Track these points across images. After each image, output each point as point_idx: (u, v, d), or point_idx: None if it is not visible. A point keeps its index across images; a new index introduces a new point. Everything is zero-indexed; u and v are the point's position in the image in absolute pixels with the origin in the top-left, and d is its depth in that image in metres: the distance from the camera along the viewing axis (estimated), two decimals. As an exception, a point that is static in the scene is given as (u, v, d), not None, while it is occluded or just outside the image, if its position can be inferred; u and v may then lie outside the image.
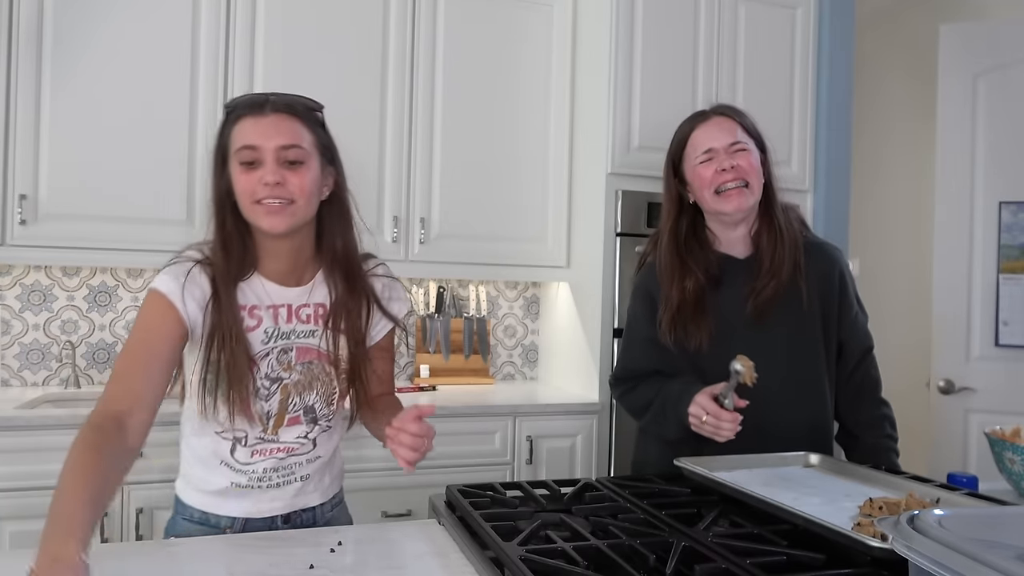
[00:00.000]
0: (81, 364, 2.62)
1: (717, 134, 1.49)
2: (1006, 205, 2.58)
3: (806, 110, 2.88)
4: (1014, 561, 0.60)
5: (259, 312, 1.21)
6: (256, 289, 1.21)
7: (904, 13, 3.53)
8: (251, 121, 1.16)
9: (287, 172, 1.14)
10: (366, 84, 2.62)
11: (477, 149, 2.77)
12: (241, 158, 1.15)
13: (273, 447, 1.23)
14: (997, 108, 2.60)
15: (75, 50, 2.35)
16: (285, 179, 1.14)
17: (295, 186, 1.15)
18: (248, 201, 1.15)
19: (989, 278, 2.59)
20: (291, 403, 1.22)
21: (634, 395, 1.59)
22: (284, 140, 1.14)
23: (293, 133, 1.16)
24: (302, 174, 1.16)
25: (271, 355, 1.21)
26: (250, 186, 1.14)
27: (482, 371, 3.05)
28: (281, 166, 1.14)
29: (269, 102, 1.17)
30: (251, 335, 1.19)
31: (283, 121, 1.16)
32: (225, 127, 1.20)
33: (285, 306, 1.22)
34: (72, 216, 2.33)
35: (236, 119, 1.17)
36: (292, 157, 1.15)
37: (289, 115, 1.17)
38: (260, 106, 1.16)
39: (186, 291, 1.14)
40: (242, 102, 1.19)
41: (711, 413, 1.35)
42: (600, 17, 2.70)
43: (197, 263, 1.17)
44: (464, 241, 2.75)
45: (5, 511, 2.01)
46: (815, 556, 0.95)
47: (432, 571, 1.01)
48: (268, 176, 1.13)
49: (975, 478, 1.40)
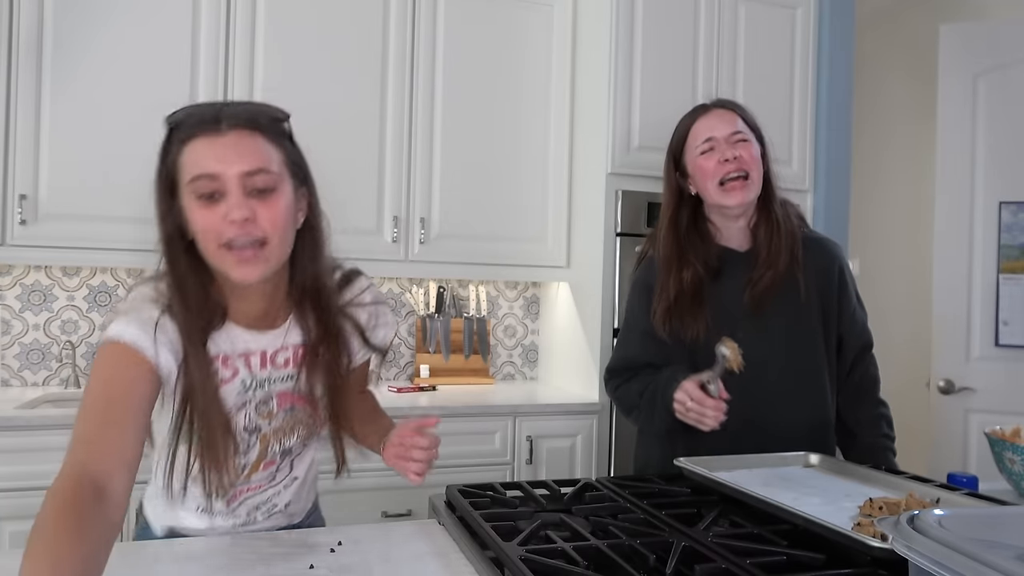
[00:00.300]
0: (81, 364, 2.62)
1: (718, 124, 1.50)
2: (1006, 205, 2.58)
3: (806, 110, 2.88)
4: (1014, 561, 0.60)
5: (233, 362, 1.05)
6: (229, 335, 1.04)
7: (904, 13, 3.53)
8: (205, 143, 0.94)
9: (256, 203, 0.94)
10: (366, 84, 2.62)
11: (477, 149, 2.77)
12: (197, 190, 0.94)
13: (246, 487, 1.15)
14: (997, 108, 2.60)
15: (75, 51, 2.35)
16: (255, 213, 0.94)
17: (267, 220, 0.95)
18: (213, 245, 0.95)
19: (989, 278, 2.59)
20: (270, 451, 1.12)
21: (626, 388, 1.59)
22: (249, 164, 0.94)
23: (259, 154, 0.95)
24: (274, 204, 0.96)
25: (248, 406, 1.07)
26: (213, 225, 0.94)
27: (482, 371, 3.05)
28: (248, 196, 0.94)
29: (224, 116, 0.95)
30: (227, 387, 1.04)
31: (245, 140, 0.95)
32: (169, 148, 0.98)
33: (259, 353, 1.07)
34: (72, 216, 2.33)
35: (185, 139, 0.96)
36: (261, 184, 0.95)
37: (251, 131, 0.96)
38: (214, 122, 0.94)
39: (158, 341, 0.95)
40: (190, 117, 0.96)
41: (695, 399, 1.35)
42: (600, 17, 2.70)
43: (164, 311, 0.98)
44: (464, 241, 2.75)
45: (5, 511, 2.02)
46: (815, 556, 0.94)
47: (432, 571, 1.01)
48: (235, 212, 0.93)
49: (975, 478, 1.40)
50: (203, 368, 0.98)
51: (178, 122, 0.97)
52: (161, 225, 0.99)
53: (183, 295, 0.98)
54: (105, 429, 0.89)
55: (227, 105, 0.98)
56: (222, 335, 1.04)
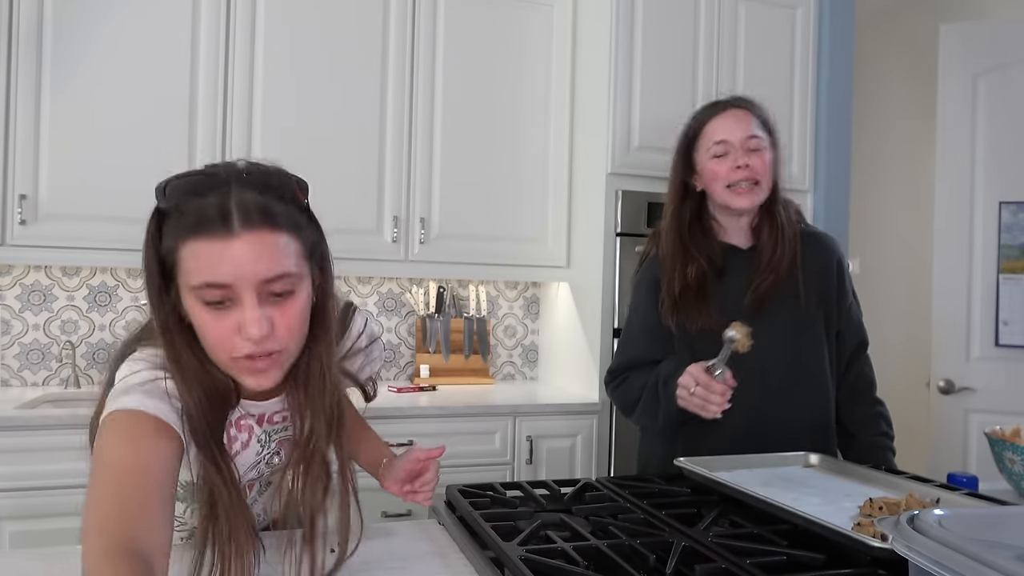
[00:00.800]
0: (81, 364, 2.62)
1: (734, 127, 1.49)
2: (1006, 205, 2.58)
3: (806, 110, 2.88)
4: (1014, 561, 0.60)
5: (246, 423, 0.98)
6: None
7: (904, 13, 3.53)
8: (213, 248, 0.80)
9: (272, 310, 0.83)
10: (366, 84, 2.62)
11: (477, 149, 2.77)
12: (205, 297, 0.81)
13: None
14: (997, 108, 2.60)
15: (75, 50, 2.35)
16: (271, 323, 0.83)
17: (284, 329, 0.84)
18: (224, 356, 0.85)
19: (989, 278, 2.59)
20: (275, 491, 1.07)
21: (626, 386, 1.58)
22: (267, 271, 0.81)
23: (277, 257, 0.82)
24: (291, 308, 0.85)
25: (262, 461, 1.03)
26: (224, 338, 0.83)
27: (482, 371, 3.05)
28: (264, 303, 0.83)
29: (234, 211, 0.80)
30: (245, 453, 0.98)
31: (262, 241, 0.81)
32: (163, 234, 0.84)
33: (258, 415, 1.00)
34: (72, 216, 2.33)
35: (186, 236, 0.81)
36: (279, 289, 0.83)
37: (268, 229, 0.81)
38: (223, 222, 0.79)
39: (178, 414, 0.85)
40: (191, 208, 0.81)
41: (701, 383, 1.32)
42: (600, 17, 2.70)
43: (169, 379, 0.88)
44: (464, 241, 2.75)
45: (5, 511, 2.01)
46: (815, 556, 0.95)
47: (432, 571, 1.01)
48: (251, 328, 0.81)
49: (975, 478, 1.40)
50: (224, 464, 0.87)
51: (175, 209, 0.83)
52: (156, 314, 0.87)
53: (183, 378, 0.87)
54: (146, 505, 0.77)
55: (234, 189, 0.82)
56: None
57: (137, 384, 0.85)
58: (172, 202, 0.83)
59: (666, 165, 1.64)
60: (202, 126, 2.45)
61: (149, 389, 0.85)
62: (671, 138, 1.63)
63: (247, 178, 0.83)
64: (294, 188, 0.87)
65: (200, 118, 2.45)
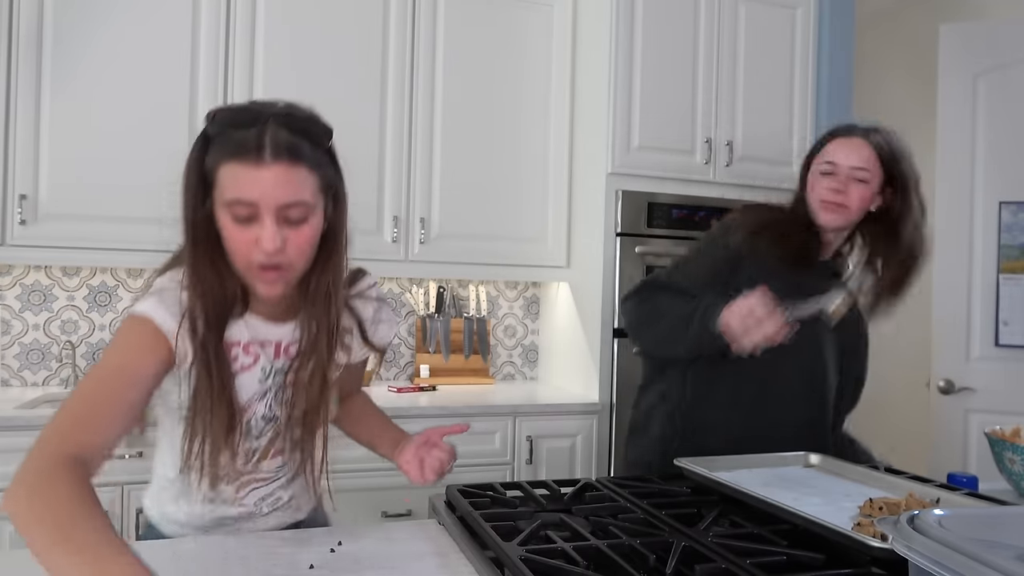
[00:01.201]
0: (81, 364, 2.62)
1: (847, 152, 1.53)
2: (1006, 205, 2.58)
3: (806, 110, 2.88)
4: (1014, 561, 0.60)
5: (254, 349, 1.09)
6: (247, 324, 1.08)
7: (904, 13, 3.53)
8: (246, 171, 0.95)
9: (287, 231, 0.98)
10: (366, 84, 2.62)
11: (477, 149, 2.77)
12: (233, 211, 0.96)
13: (253, 477, 1.17)
14: (997, 108, 2.60)
15: (75, 51, 2.35)
16: (284, 241, 0.97)
17: (294, 248, 0.99)
18: (242, 262, 1.00)
19: (989, 278, 2.59)
20: (281, 439, 1.15)
21: (652, 302, 1.51)
22: (287, 198, 0.96)
23: (297, 187, 0.97)
24: (303, 233, 0.99)
25: (268, 394, 1.11)
26: (244, 246, 0.98)
27: (482, 371, 3.05)
28: (280, 225, 0.97)
29: (268, 144, 0.95)
30: (248, 374, 1.09)
31: (286, 173, 0.96)
32: (207, 150, 0.99)
33: (274, 344, 1.11)
34: (72, 216, 2.33)
35: (225, 157, 0.96)
36: (295, 216, 0.98)
37: (292, 163, 0.96)
38: (257, 151, 0.95)
39: (182, 326, 1.00)
40: (233, 138, 0.96)
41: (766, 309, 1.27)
42: (600, 17, 2.70)
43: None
44: (464, 241, 2.75)
45: (5, 511, 2.01)
46: (815, 556, 0.95)
47: (432, 571, 1.01)
48: (267, 242, 0.96)
49: (975, 478, 1.41)
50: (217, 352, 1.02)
51: (220, 131, 0.98)
52: (186, 213, 1.01)
53: (199, 282, 1.01)
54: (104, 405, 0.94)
55: (270, 118, 0.96)
56: (243, 324, 1.08)
57: (154, 291, 1.02)
58: (217, 129, 0.98)
59: (666, 165, 1.65)
60: (202, 127, 2.44)
61: (162, 296, 1.01)
62: (671, 138, 1.64)
63: (283, 118, 0.98)
64: (321, 132, 1.02)
65: (200, 119, 2.44)
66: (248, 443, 1.12)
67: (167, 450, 1.15)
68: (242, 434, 1.08)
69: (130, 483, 2.10)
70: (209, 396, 1.01)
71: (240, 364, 1.08)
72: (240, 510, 1.18)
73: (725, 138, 2.75)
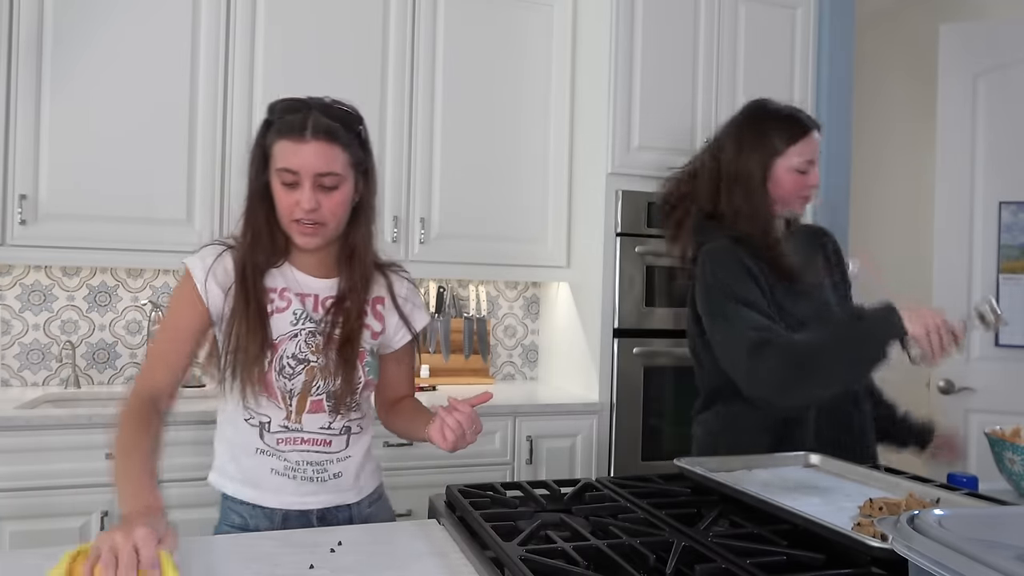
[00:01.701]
0: (81, 364, 2.62)
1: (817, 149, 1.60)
2: (1006, 205, 2.58)
3: (806, 110, 2.87)
4: (1014, 561, 0.60)
5: (288, 295, 1.29)
6: (287, 275, 1.31)
7: (904, 13, 3.53)
8: (291, 146, 1.21)
9: (322, 196, 1.22)
10: (366, 85, 2.62)
11: (477, 149, 2.77)
12: (282, 177, 1.22)
13: (298, 436, 1.29)
14: (997, 108, 2.60)
15: (75, 51, 2.35)
16: (319, 203, 1.22)
17: (327, 210, 1.23)
18: (286, 218, 1.25)
19: (989, 278, 2.59)
20: (315, 386, 1.28)
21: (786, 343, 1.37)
22: (321, 168, 1.21)
23: (330, 160, 1.22)
24: (335, 198, 1.24)
25: (300, 336, 1.28)
26: (289, 205, 1.23)
27: (482, 371, 3.05)
28: (316, 191, 1.22)
29: (310, 126, 1.21)
30: (280, 316, 1.28)
31: (322, 148, 1.21)
32: (267, 134, 1.25)
33: (312, 295, 1.31)
34: (72, 216, 2.33)
35: (278, 136, 1.23)
36: (328, 183, 1.22)
37: (328, 141, 1.22)
38: (301, 130, 1.21)
39: (211, 273, 1.25)
40: (285, 121, 1.23)
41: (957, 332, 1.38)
42: (600, 17, 2.70)
43: (228, 248, 1.29)
44: (464, 241, 2.75)
45: (5, 511, 2.01)
46: (815, 556, 0.95)
47: (432, 571, 1.01)
48: (304, 203, 1.21)
49: (975, 478, 1.41)
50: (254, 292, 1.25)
51: (275, 117, 1.24)
52: (251, 183, 1.28)
53: (255, 235, 1.27)
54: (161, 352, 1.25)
55: (314, 109, 1.23)
56: (283, 272, 1.30)
57: (207, 246, 1.30)
58: (275, 115, 1.25)
59: (666, 165, 1.65)
60: (202, 128, 2.45)
61: (204, 251, 1.29)
62: (671, 138, 1.64)
63: (323, 107, 1.25)
64: (353, 120, 1.29)
65: (200, 120, 2.45)
66: (282, 382, 1.26)
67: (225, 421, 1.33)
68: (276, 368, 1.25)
69: (130, 483, 2.10)
70: (245, 315, 1.23)
71: (275, 306, 1.28)
72: (284, 464, 1.29)
73: (725, 138, 2.74)
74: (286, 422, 1.28)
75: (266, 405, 1.27)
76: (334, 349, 1.28)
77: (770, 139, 1.58)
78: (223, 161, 2.47)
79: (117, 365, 2.65)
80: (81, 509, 2.07)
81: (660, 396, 2.66)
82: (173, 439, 2.17)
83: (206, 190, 2.45)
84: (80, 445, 2.07)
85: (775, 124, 1.59)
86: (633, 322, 2.63)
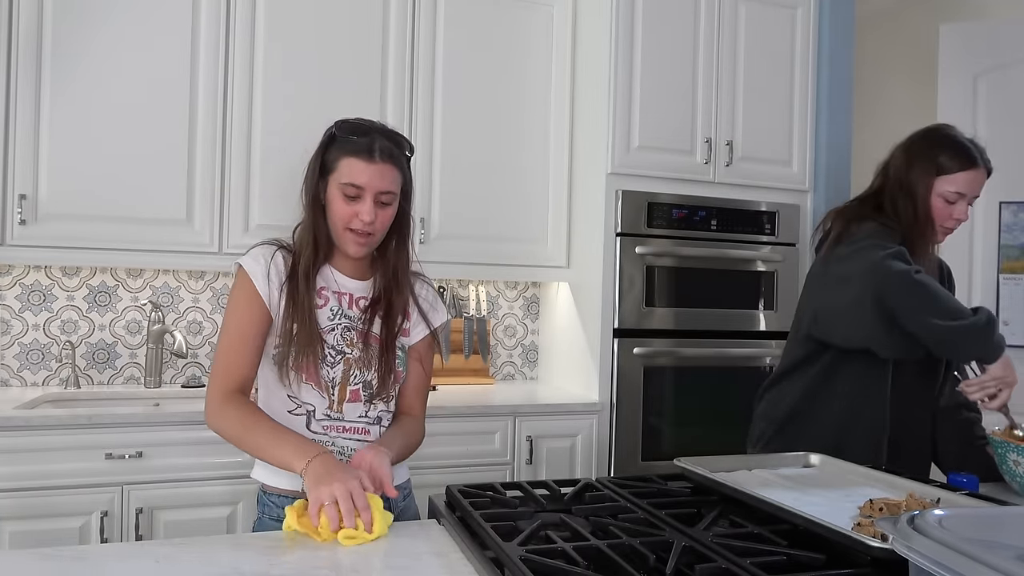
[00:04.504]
0: (81, 364, 2.62)
1: (976, 187, 1.67)
2: (1006, 205, 2.59)
3: (806, 110, 2.88)
4: (1014, 561, 0.60)
5: (327, 293, 1.41)
6: (326, 275, 1.41)
7: (904, 13, 3.53)
8: (361, 164, 1.33)
9: (378, 210, 1.36)
10: (366, 84, 2.62)
11: (477, 149, 2.77)
12: (345, 191, 1.34)
13: (340, 424, 1.37)
14: (997, 108, 2.60)
15: (75, 51, 2.35)
16: (375, 217, 1.35)
17: (380, 223, 1.37)
18: (341, 226, 1.36)
19: (989, 278, 2.59)
20: (352, 375, 1.38)
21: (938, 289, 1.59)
22: (384, 187, 1.35)
23: (391, 181, 1.37)
24: (387, 212, 1.38)
25: (336, 330, 1.39)
26: (347, 216, 1.35)
27: (482, 371, 3.05)
28: (375, 205, 1.35)
29: (378, 148, 1.35)
30: (319, 311, 1.38)
31: (386, 170, 1.35)
32: (332, 148, 1.37)
33: (348, 294, 1.43)
34: (72, 216, 2.33)
35: (345, 153, 1.34)
36: (384, 200, 1.37)
37: (392, 164, 1.37)
38: (369, 152, 1.34)
39: (267, 273, 1.36)
40: (356, 142, 1.35)
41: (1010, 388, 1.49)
42: (600, 18, 2.70)
43: (281, 247, 1.40)
44: (464, 241, 2.75)
45: (5, 511, 2.01)
46: (815, 556, 0.95)
47: (432, 571, 1.01)
48: (366, 215, 1.34)
49: (975, 478, 1.40)
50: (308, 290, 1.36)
51: (345, 136, 1.36)
52: (308, 191, 1.39)
53: (315, 239, 1.38)
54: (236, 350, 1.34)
55: (380, 134, 1.37)
56: (323, 273, 1.41)
57: (258, 247, 1.40)
58: (342, 133, 1.37)
59: (666, 165, 1.65)
60: (202, 128, 2.45)
61: (263, 250, 1.39)
62: (671, 138, 1.64)
63: (387, 132, 1.40)
64: (407, 146, 1.45)
65: (200, 120, 2.45)
66: (325, 370, 1.36)
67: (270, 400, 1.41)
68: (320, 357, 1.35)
69: (130, 483, 2.10)
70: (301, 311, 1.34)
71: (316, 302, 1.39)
72: (334, 450, 1.34)
73: (725, 138, 2.75)
74: (328, 411, 1.36)
75: (310, 394, 1.35)
76: (369, 343, 1.39)
77: (936, 158, 1.66)
78: (223, 161, 2.47)
79: (117, 365, 2.65)
80: (81, 509, 2.07)
81: (660, 396, 2.66)
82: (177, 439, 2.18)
83: (206, 190, 2.45)
84: (80, 445, 2.07)
85: (947, 146, 1.67)
86: (633, 322, 2.63)
